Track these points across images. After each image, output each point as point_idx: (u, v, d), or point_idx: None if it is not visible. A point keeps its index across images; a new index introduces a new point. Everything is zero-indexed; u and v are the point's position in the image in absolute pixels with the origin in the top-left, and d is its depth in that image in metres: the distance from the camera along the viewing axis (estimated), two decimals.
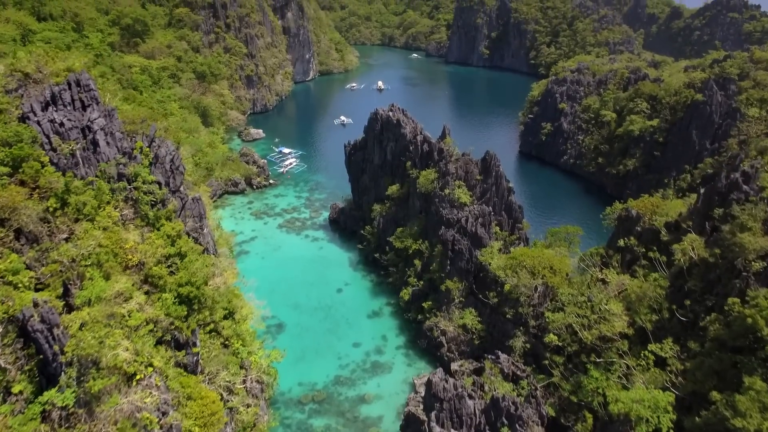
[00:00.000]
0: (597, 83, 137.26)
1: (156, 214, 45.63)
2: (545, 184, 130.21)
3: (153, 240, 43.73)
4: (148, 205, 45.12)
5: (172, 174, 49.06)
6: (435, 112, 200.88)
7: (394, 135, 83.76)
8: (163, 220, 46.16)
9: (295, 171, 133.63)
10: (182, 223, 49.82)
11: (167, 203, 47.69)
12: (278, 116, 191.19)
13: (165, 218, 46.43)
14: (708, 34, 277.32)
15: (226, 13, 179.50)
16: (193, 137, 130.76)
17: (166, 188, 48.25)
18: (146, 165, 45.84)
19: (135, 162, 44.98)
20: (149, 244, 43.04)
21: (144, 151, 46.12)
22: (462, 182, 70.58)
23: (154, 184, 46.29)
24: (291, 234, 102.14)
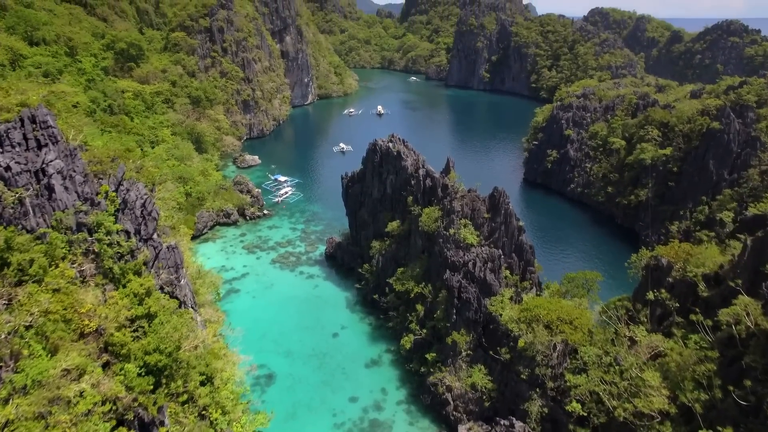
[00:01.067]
0: (604, 109, 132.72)
1: (122, 269, 39.76)
2: (552, 213, 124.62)
3: (116, 300, 37.78)
4: (113, 259, 39.28)
5: (143, 220, 43.34)
6: (435, 136, 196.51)
7: (394, 167, 78.39)
8: (131, 275, 40.26)
9: (291, 200, 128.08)
10: (154, 276, 43.93)
11: (137, 254, 41.87)
12: (275, 142, 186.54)
13: (133, 272, 40.54)
14: (709, 57, 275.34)
15: (222, 37, 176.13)
16: (184, 165, 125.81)
17: (136, 237, 42.49)
18: (112, 212, 40.11)
19: (98, 209, 39.26)
20: (111, 306, 37.07)
21: (110, 196, 40.44)
22: (468, 221, 64.86)
23: (121, 233, 40.56)
24: (285, 270, 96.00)
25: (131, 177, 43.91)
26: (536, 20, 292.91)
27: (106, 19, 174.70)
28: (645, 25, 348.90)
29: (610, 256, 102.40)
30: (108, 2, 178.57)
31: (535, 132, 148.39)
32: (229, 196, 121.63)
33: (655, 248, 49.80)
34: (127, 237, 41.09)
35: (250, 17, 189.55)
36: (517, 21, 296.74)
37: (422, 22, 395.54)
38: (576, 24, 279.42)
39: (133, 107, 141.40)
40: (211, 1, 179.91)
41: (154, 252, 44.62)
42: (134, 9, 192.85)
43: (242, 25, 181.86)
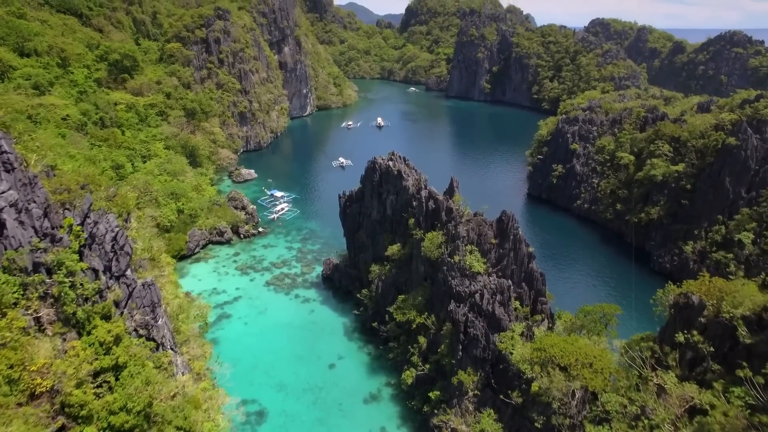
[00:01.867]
0: (611, 122, 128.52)
1: (87, 313, 35.05)
2: (558, 231, 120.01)
3: (77, 351, 33.03)
4: (76, 303, 34.56)
5: (114, 256, 38.68)
6: (436, 149, 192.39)
7: (394, 187, 73.86)
8: (97, 320, 35.55)
9: (287, 217, 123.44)
10: (127, 317, 39.21)
11: (106, 295, 37.16)
12: (272, 154, 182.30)
13: (101, 316, 35.84)
14: (713, 68, 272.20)
15: (219, 48, 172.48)
16: (177, 181, 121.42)
17: (106, 275, 37.81)
18: (76, 248, 35.44)
19: (60, 246, 34.60)
20: (70, 359, 32.32)
21: (75, 231, 35.79)
22: (474, 247, 60.20)
23: (87, 272, 35.88)
24: (279, 293, 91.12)
25: (101, 207, 39.25)
26: (537, 31, 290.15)
27: (102, 29, 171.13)
28: (646, 35, 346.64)
29: (620, 278, 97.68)
30: (104, 13, 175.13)
31: (539, 145, 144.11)
32: (223, 213, 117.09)
33: (683, 283, 44.99)
34: (95, 276, 36.40)
35: (247, 28, 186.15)
36: (518, 32, 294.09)
37: (422, 32, 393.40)
38: (578, 35, 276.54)
39: (126, 120, 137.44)
40: (208, 11, 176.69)
41: (128, 290, 39.91)
42: (131, 19, 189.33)
43: (239, 35, 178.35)
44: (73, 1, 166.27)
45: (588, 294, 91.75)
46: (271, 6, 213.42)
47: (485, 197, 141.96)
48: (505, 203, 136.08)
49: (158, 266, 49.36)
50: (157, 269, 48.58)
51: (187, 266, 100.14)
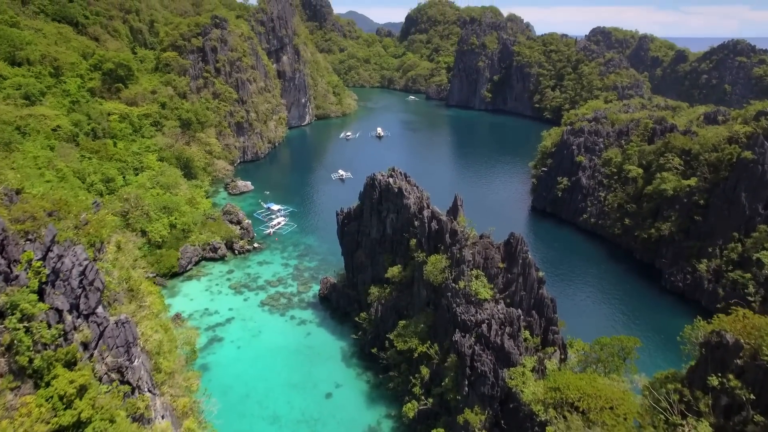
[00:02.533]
0: (617, 134, 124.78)
1: (47, 361, 30.86)
2: (563, 246, 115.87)
3: (30, 408, 28.80)
4: (33, 350, 30.38)
5: (83, 292, 34.53)
6: (437, 160, 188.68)
7: (395, 206, 69.86)
8: (59, 369, 31.34)
9: (284, 232, 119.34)
10: (97, 360, 35.02)
11: (71, 337, 32.99)
12: (270, 165, 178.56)
13: (63, 364, 31.64)
14: (716, 77, 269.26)
15: (216, 58, 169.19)
16: (170, 194, 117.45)
17: (72, 315, 33.66)
18: (36, 287, 31.32)
19: (16, 285, 30.48)
20: (20, 419, 28.10)
21: (34, 266, 31.67)
22: (480, 271, 56.05)
23: (51, 312, 31.74)
24: (274, 314, 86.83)
25: (68, 238, 35.14)
26: (539, 40, 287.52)
27: (98, 38, 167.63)
28: (648, 44, 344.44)
29: (631, 297, 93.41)
30: (100, 21, 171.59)
31: (543, 157, 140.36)
32: (217, 228, 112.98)
33: (713, 318, 40.81)
34: (58, 317, 32.23)
35: (245, 37, 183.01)
36: (519, 40, 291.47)
37: (422, 41, 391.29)
38: (579, 43, 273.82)
39: (120, 130, 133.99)
40: (205, 20, 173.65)
41: (98, 330, 35.72)
42: (128, 28, 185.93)
43: (236, 44, 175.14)
44: (69, 10, 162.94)
45: (597, 316, 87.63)
46: (269, 14, 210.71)
47: (488, 210, 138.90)
48: (509, 216, 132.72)
49: (138, 297, 45.21)
50: (136, 301, 44.45)
51: (179, 284, 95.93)
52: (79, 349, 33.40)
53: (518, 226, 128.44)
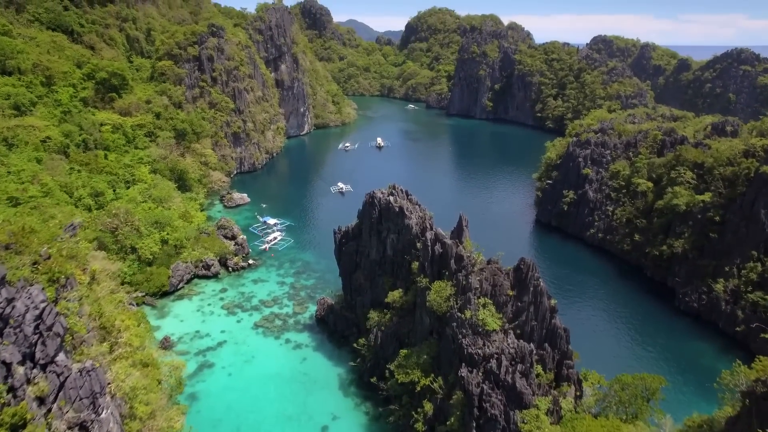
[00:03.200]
0: (625, 146, 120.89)
1: None
2: (570, 262, 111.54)
3: None
4: None
5: (39, 339, 30.34)
6: (438, 171, 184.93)
7: (395, 226, 65.75)
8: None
9: (280, 247, 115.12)
10: (56, 416, 30.76)
11: (21, 394, 28.75)
12: (267, 176, 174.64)
13: (9, 427, 27.38)
14: (720, 86, 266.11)
15: (212, 66, 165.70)
16: (162, 208, 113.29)
17: (25, 366, 29.46)
18: None
19: None
20: None
21: None
22: (488, 299, 51.86)
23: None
24: (268, 337, 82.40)
25: (22, 277, 30.97)
26: (540, 48, 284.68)
27: (93, 47, 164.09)
28: (650, 52, 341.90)
29: (643, 318, 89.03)
30: (96, 30, 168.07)
31: (548, 169, 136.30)
32: (211, 244, 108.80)
33: (756, 363, 36.49)
34: (6, 372, 28.01)
35: (242, 45, 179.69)
36: (520, 49, 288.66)
37: (422, 49, 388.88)
38: (582, 52, 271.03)
39: (112, 141, 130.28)
40: (201, 28, 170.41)
41: (58, 381, 31.48)
42: (124, 37, 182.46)
43: (233, 53, 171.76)
44: (65, 18, 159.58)
45: (609, 339, 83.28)
46: (267, 23, 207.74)
47: (491, 224, 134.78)
48: (512, 230, 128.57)
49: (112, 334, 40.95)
50: (109, 340, 40.16)
51: (169, 304, 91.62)
52: (32, 406, 29.11)
53: (522, 240, 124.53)
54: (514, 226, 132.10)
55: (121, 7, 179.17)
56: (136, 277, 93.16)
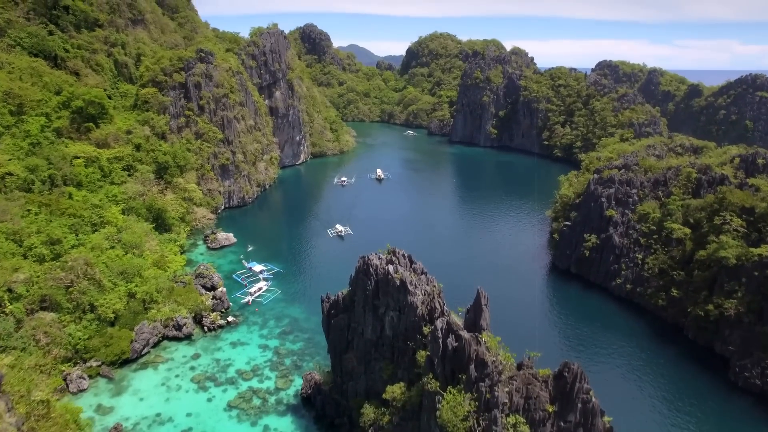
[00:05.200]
0: (653, 183, 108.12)
1: None
2: (594, 317, 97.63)
3: None
4: None
5: None
6: (442, 205, 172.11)
7: (396, 302, 52.32)
8: None
9: (265, 300, 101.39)
10: None
11: None
12: (258, 211, 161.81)
13: None
14: (736, 113, 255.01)
15: (199, 94, 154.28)
16: (132, 255, 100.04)
17: None
18: None
19: None
20: None
21: None
22: (520, 416, 38.22)
23: None
24: (244, 422, 68.10)
25: None
26: (546, 74, 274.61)
27: (78, 72, 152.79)
28: (658, 78, 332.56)
29: (690, 393, 74.70)
30: (82, 55, 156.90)
31: (565, 208, 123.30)
32: (186, 297, 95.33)
33: None
34: None
35: (233, 71, 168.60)
36: (525, 74, 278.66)
37: (423, 74, 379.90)
38: (590, 78, 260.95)
39: (86, 176, 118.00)
40: (189, 54, 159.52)
41: None
42: (112, 62, 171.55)
43: (223, 80, 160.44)
44: (48, 43, 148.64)
45: (649, 417, 68.90)
46: (261, 48, 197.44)
47: (501, 268, 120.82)
48: (526, 277, 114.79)
49: None
50: None
51: (130, 376, 77.65)
52: None
53: (538, 289, 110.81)
54: (528, 271, 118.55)
55: (110, 31, 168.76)
56: (91, 342, 79.44)
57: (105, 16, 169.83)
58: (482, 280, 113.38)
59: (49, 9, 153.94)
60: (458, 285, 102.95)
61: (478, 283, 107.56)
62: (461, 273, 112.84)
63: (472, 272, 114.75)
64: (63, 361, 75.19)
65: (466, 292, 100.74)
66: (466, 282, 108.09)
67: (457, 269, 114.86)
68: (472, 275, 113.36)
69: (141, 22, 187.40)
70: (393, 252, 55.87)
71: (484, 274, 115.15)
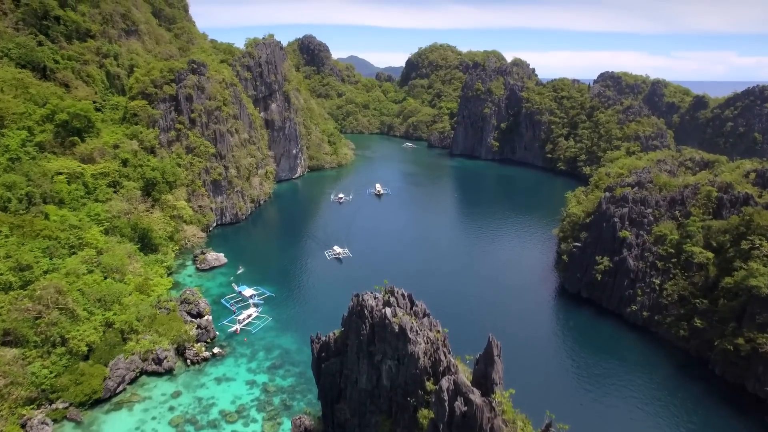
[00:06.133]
0: (669, 203, 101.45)
1: None
2: (608, 347, 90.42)
3: None
4: None
5: None
6: (443, 223, 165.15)
7: (394, 350, 45.26)
8: None
9: (254, 329, 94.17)
10: None
11: None
12: (252, 228, 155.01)
13: None
14: (743, 125, 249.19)
15: (191, 107, 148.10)
16: (112, 280, 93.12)
17: None
18: None
19: None
20: None
21: None
22: None
23: None
24: None
25: None
26: (549, 85, 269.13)
27: (68, 84, 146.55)
28: (662, 89, 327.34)
29: None
30: (72, 66, 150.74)
31: (573, 228, 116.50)
32: (168, 326, 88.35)
33: None
34: None
35: (226, 83, 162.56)
36: (527, 86, 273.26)
37: (423, 86, 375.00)
38: (593, 89, 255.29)
39: (68, 193, 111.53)
40: (180, 65, 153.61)
41: None
42: (104, 73, 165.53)
43: (216, 92, 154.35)
44: (37, 54, 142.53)
45: None
46: (257, 59, 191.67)
47: (507, 290, 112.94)
48: (534, 301, 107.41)
49: None
50: None
51: (100, 418, 70.32)
52: None
53: (547, 315, 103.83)
54: (536, 295, 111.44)
55: (102, 42, 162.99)
56: (59, 381, 72.14)
57: (97, 26, 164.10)
58: (487, 306, 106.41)
59: (40, 19, 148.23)
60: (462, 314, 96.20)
61: (483, 310, 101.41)
62: (465, 299, 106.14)
63: (477, 298, 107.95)
64: (25, 404, 67.82)
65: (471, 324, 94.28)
66: (471, 310, 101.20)
67: (461, 295, 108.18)
68: (477, 301, 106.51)
69: (135, 32, 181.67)
70: (391, 291, 48.78)
71: (489, 299, 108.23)
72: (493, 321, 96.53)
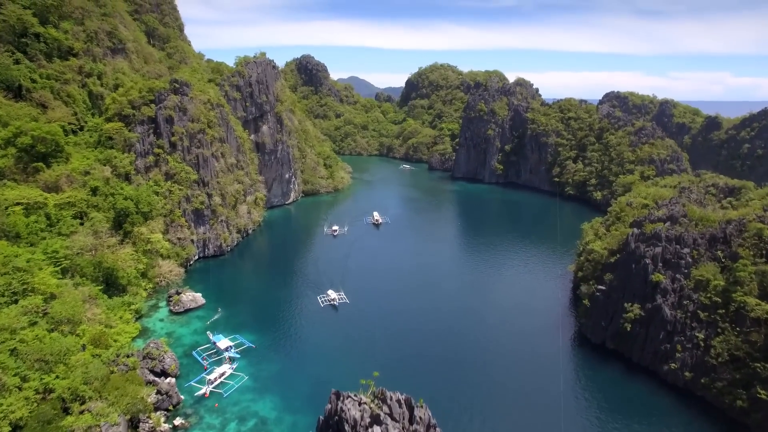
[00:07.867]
0: (708, 241, 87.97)
1: None
2: (644, 414, 75.78)
3: None
4: None
5: None
6: (445, 255, 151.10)
7: None
8: None
9: (227, 391, 79.77)
10: None
11: None
12: (238, 261, 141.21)
13: None
14: (761, 147, 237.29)
15: (171, 130, 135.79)
16: (59, 335, 79.22)
17: None
18: None
19: None
20: None
21: None
22: None
23: None
24: None
25: None
26: (555, 106, 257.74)
27: (45, 104, 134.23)
28: (671, 109, 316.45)
29: None
30: (50, 85, 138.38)
31: (595, 269, 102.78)
32: (123, 390, 73.85)
33: None
34: None
35: (212, 104, 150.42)
36: (532, 107, 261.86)
37: (423, 106, 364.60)
38: (602, 110, 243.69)
39: (26, 226, 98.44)
40: (160, 84, 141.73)
41: None
42: (86, 93, 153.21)
43: (199, 114, 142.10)
44: (12, 73, 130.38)
45: None
46: (247, 78, 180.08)
47: (521, 341, 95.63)
48: (551, 353, 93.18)
49: None
50: None
51: None
52: None
53: (567, 369, 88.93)
54: (552, 345, 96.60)
55: (85, 60, 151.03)
56: None
57: (81, 44, 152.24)
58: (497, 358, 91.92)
59: (18, 37, 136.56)
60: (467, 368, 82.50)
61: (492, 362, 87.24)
62: (472, 351, 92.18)
63: (484, 350, 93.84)
64: None
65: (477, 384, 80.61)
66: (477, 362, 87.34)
67: (467, 346, 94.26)
68: (484, 353, 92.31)
69: (122, 51, 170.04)
70: (382, 397, 34.90)
71: (499, 348, 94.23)
72: (504, 375, 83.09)
